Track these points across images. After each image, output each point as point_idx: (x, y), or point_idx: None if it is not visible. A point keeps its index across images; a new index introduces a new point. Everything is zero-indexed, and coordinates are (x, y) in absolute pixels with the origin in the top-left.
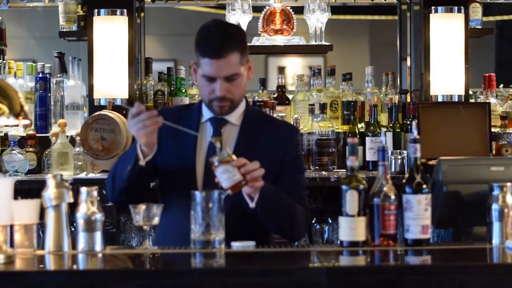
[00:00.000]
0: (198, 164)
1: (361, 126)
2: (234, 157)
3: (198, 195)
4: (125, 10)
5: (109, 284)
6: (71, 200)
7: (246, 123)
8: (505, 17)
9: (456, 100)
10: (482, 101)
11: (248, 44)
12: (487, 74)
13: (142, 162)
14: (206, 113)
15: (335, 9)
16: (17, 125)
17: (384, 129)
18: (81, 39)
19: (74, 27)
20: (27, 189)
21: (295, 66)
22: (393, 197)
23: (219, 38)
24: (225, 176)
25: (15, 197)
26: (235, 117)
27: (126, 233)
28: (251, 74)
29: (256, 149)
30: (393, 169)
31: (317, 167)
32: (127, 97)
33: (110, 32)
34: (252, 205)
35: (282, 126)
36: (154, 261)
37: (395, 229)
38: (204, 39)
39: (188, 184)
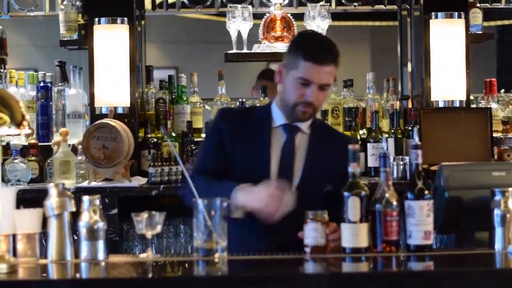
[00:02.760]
0: (273, 170)
1: (362, 132)
2: (326, 217)
3: (200, 202)
4: (125, 19)
5: None
6: (74, 209)
7: (314, 133)
8: (506, 22)
9: (457, 105)
10: (483, 106)
11: (248, 51)
12: (488, 79)
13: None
14: (279, 119)
15: (335, 16)
16: (18, 135)
17: (385, 135)
18: (82, 47)
19: (75, 36)
20: (30, 198)
21: None
22: (395, 203)
23: (325, 47)
24: (313, 235)
25: (18, 207)
26: (306, 125)
27: (129, 241)
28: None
29: (323, 159)
30: (395, 175)
31: None
32: (128, 105)
33: (111, 41)
34: None
35: (344, 138)
36: (157, 269)
37: (397, 235)
38: (312, 45)
39: None
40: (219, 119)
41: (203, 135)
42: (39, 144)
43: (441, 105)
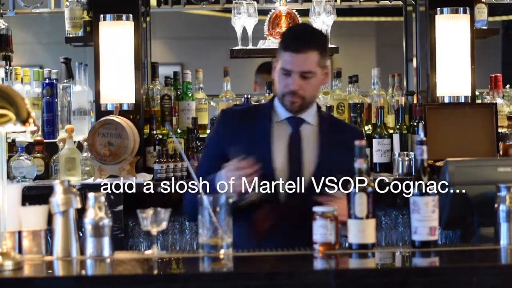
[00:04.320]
0: (280, 164)
1: (368, 128)
2: (336, 213)
3: (205, 199)
4: (131, 15)
5: None
6: (79, 206)
7: (322, 124)
8: (511, 17)
9: (463, 101)
10: (488, 101)
11: (254, 47)
12: (494, 75)
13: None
14: (283, 112)
15: (340, 11)
16: (24, 132)
17: (390, 131)
18: (87, 44)
19: (80, 33)
20: (35, 195)
21: None
22: None
23: (303, 35)
24: (322, 231)
25: (23, 203)
26: (310, 116)
27: (134, 238)
28: (327, 80)
29: (335, 151)
30: (400, 171)
31: None
32: (133, 102)
33: (116, 37)
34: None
35: (352, 129)
36: (163, 266)
37: None
38: (289, 34)
39: (269, 186)
40: (218, 124)
41: (208, 131)
42: (45, 141)
43: (446, 100)
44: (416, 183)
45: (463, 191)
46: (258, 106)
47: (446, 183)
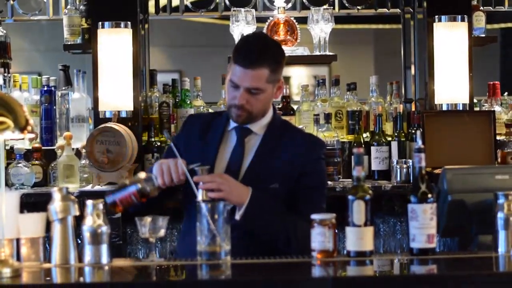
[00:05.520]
0: (216, 172)
1: (366, 135)
2: (334, 221)
3: (204, 206)
4: (129, 23)
5: None
6: (77, 213)
7: (268, 133)
8: (509, 25)
9: (461, 108)
10: (486, 109)
11: None
12: (492, 82)
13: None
14: (232, 122)
15: (338, 19)
16: (22, 139)
17: (389, 139)
18: (85, 51)
19: (78, 40)
20: (33, 202)
21: (299, 76)
22: None
23: (254, 50)
24: (319, 239)
25: (21, 211)
26: (258, 127)
27: (132, 245)
28: (279, 94)
29: (274, 158)
30: (398, 179)
31: None
32: (132, 109)
33: (115, 45)
34: (236, 217)
35: (306, 138)
36: (161, 273)
37: None
38: (241, 47)
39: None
40: (181, 127)
41: None
42: (43, 148)
43: (444, 108)
44: (414, 191)
45: (461, 198)
46: (220, 113)
47: (444, 191)
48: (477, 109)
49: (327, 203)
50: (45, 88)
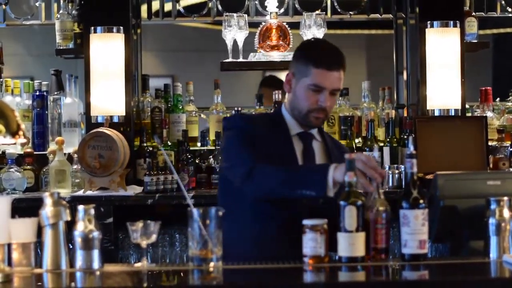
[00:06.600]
0: None
1: (358, 141)
2: (326, 227)
3: (195, 211)
4: (121, 27)
5: None
6: (69, 218)
7: (325, 140)
8: (502, 30)
9: (453, 114)
10: (479, 115)
11: (244, 60)
12: (484, 88)
13: (331, 194)
14: (293, 127)
15: (331, 24)
16: (14, 144)
17: (380, 144)
18: (78, 56)
19: (70, 45)
20: (25, 207)
21: None
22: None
23: (335, 54)
24: (311, 244)
25: (13, 216)
26: (315, 132)
27: (124, 250)
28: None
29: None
30: (390, 184)
31: None
32: (124, 114)
33: (107, 49)
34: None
35: (342, 145)
36: (152, 279)
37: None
38: (319, 51)
39: None
40: (244, 123)
41: (199, 144)
42: (35, 153)
43: (436, 113)
44: (406, 196)
45: (453, 204)
46: (268, 116)
47: (436, 196)
48: (469, 114)
49: None
50: (37, 93)
